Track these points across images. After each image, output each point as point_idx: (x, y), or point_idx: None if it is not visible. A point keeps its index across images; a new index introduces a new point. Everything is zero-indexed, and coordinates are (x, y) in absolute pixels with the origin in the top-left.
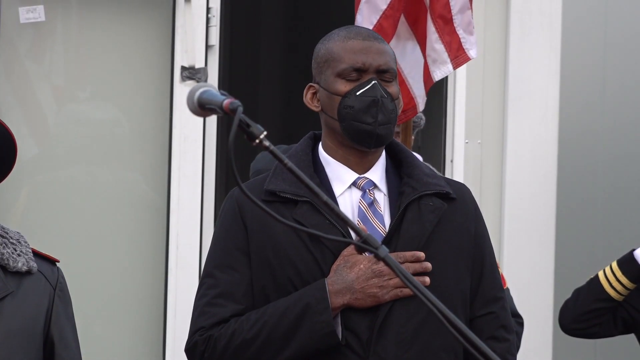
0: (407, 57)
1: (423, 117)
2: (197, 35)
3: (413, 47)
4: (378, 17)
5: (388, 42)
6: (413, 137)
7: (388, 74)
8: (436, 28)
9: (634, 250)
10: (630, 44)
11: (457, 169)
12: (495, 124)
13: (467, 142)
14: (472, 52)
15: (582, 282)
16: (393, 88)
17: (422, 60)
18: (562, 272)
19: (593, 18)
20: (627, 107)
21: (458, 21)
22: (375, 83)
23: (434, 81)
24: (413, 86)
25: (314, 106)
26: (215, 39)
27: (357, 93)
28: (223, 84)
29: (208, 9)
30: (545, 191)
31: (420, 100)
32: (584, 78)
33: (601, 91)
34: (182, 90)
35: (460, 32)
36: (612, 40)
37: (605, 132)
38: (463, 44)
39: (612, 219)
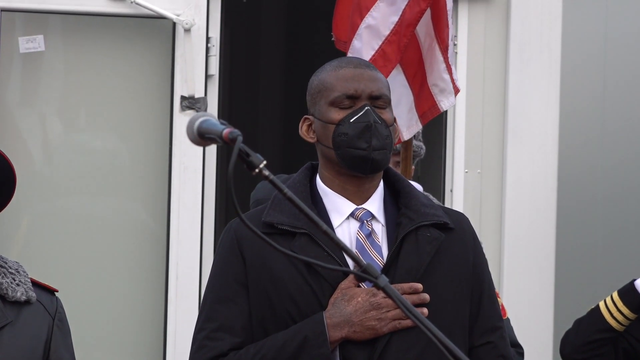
0: (390, 84)
1: (423, 147)
2: (196, 65)
3: (396, 75)
4: (380, 43)
5: (392, 69)
6: (413, 167)
7: (381, 100)
8: (444, 58)
9: (634, 280)
10: (629, 75)
11: (457, 198)
12: (495, 154)
13: (466, 172)
14: (458, 83)
15: (582, 312)
16: (387, 114)
17: (408, 89)
18: (562, 302)
19: (592, 49)
20: (626, 137)
21: (451, 51)
22: (368, 109)
23: (442, 111)
24: (396, 115)
25: (309, 138)
26: (215, 69)
27: (351, 120)
28: (223, 113)
29: (208, 39)
30: (544, 221)
31: (405, 130)
32: (583, 108)
33: (600, 122)
34: (182, 119)
35: (451, 62)
36: (611, 71)
37: (605, 162)
38: (453, 75)
39: (612, 248)
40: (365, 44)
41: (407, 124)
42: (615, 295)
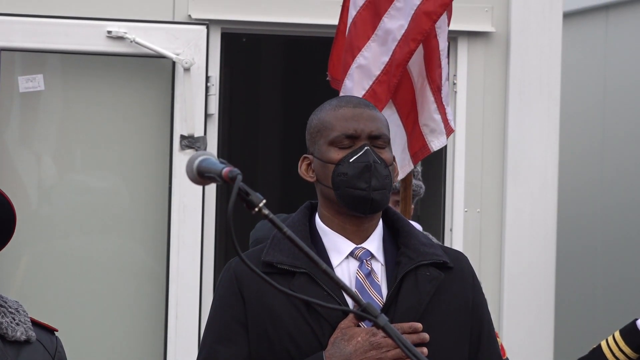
0: None
1: (423, 186)
2: (196, 104)
3: (390, 115)
4: (371, 83)
5: (382, 108)
6: (413, 206)
7: (380, 140)
8: (435, 98)
9: (636, 320)
10: (628, 114)
11: (457, 237)
12: (495, 193)
13: (466, 211)
14: (452, 124)
15: (582, 352)
16: (386, 154)
17: (402, 129)
18: (562, 341)
19: (591, 87)
20: (625, 178)
21: (444, 92)
22: (367, 149)
23: (431, 151)
24: None
25: (309, 177)
26: (214, 108)
27: (350, 160)
28: (222, 152)
29: (207, 78)
30: (544, 260)
31: (399, 169)
32: (583, 147)
33: (599, 161)
34: (181, 158)
35: (444, 103)
36: (611, 110)
37: (604, 201)
38: (447, 115)
39: (611, 288)
40: (356, 84)
41: (401, 163)
42: (617, 334)
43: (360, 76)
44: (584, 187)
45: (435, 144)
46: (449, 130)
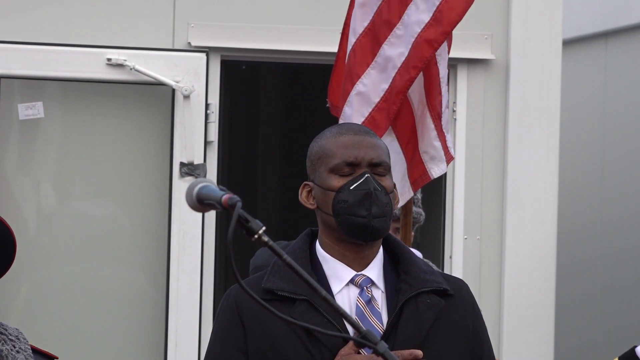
0: None
1: (423, 214)
2: (196, 131)
3: (390, 142)
4: (370, 110)
5: (381, 136)
6: (413, 234)
7: (381, 167)
8: (435, 125)
9: (635, 347)
10: (627, 142)
11: (456, 265)
12: (494, 220)
13: (466, 238)
14: (452, 151)
15: None
16: (387, 181)
17: (401, 156)
18: None
19: (591, 115)
20: (625, 203)
21: (444, 119)
22: (368, 176)
23: (431, 178)
24: None
25: (309, 204)
26: (214, 135)
27: (351, 187)
28: (222, 179)
29: (207, 105)
30: (544, 287)
31: (399, 196)
32: (583, 174)
33: (599, 188)
34: (181, 186)
35: (444, 130)
36: (610, 137)
37: (604, 228)
38: (447, 142)
39: (611, 315)
40: (355, 111)
41: (401, 190)
42: None
43: (359, 103)
44: (584, 212)
45: (435, 171)
46: (449, 158)
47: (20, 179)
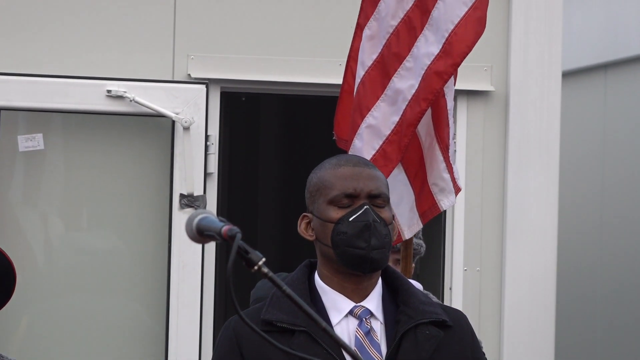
0: (391, 184)
1: (423, 245)
2: (195, 163)
3: (397, 174)
4: (381, 143)
5: (392, 168)
6: (413, 265)
7: (380, 199)
8: (444, 157)
9: None
10: (627, 173)
11: (456, 296)
12: (494, 252)
13: (465, 270)
14: (459, 182)
15: None
16: (386, 213)
17: (409, 188)
18: None
19: (590, 146)
20: (624, 236)
21: (451, 150)
22: (367, 208)
23: (441, 210)
24: (397, 214)
25: (308, 236)
26: (213, 167)
27: (350, 219)
28: (222, 210)
29: (207, 137)
30: (543, 320)
31: (406, 229)
32: (582, 206)
33: (599, 219)
34: (181, 217)
35: (451, 161)
36: (610, 168)
37: (603, 260)
38: (454, 173)
39: (611, 346)
40: (366, 144)
41: (409, 223)
42: None
43: (370, 136)
44: (583, 244)
45: (444, 203)
46: (457, 189)
47: (22, 210)
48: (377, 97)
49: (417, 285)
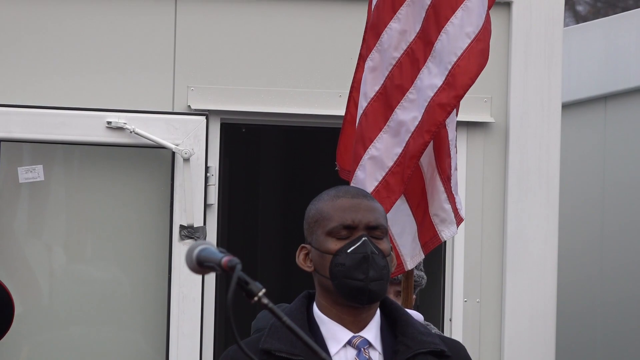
0: (394, 214)
1: (424, 277)
2: (195, 194)
3: (400, 205)
4: (384, 174)
5: (395, 200)
6: (414, 297)
7: (378, 230)
8: (445, 188)
9: None
10: (627, 204)
11: (456, 327)
12: (494, 283)
13: (465, 301)
14: (462, 212)
15: None
16: (384, 245)
17: (412, 218)
18: None
19: (590, 178)
20: (624, 266)
21: (453, 181)
22: (365, 240)
23: (442, 241)
24: (400, 244)
25: (306, 267)
26: (213, 198)
27: (348, 250)
28: (221, 242)
29: (207, 168)
30: (543, 351)
31: (409, 259)
32: (582, 237)
33: (599, 251)
34: (181, 249)
35: (454, 192)
36: (610, 200)
37: (604, 291)
38: (457, 204)
39: None
40: (368, 175)
41: (411, 253)
42: None
43: (372, 167)
44: (583, 276)
45: (445, 234)
46: (459, 220)
47: (24, 240)
48: (379, 128)
49: (418, 316)
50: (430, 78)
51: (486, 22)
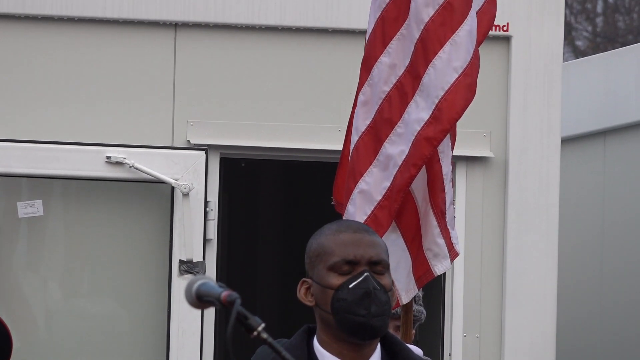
0: (388, 248)
1: (424, 312)
2: (195, 229)
3: (395, 239)
4: (372, 208)
5: (383, 234)
6: (413, 331)
7: (380, 265)
8: (438, 222)
9: None
10: (626, 239)
11: None
12: (494, 318)
13: (465, 336)
14: (457, 247)
15: None
16: (386, 279)
17: (407, 253)
18: None
19: (590, 212)
20: (624, 301)
21: (449, 216)
22: (367, 275)
23: (435, 275)
24: (395, 279)
25: (307, 301)
26: (213, 233)
27: (350, 286)
28: (221, 276)
29: (206, 203)
30: None
31: (404, 294)
32: (581, 273)
33: (598, 287)
34: (180, 283)
35: (449, 226)
36: (609, 233)
37: (603, 326)
38: (452, 239)
39: None
40: (358, 209)
41: (406, 287)
42: None
43: (362, 201)
44: (583, 311)
45: (438, 268)
46: (454, 254)
47: (23, 275)
48: (369, 162)
49: (418, 351)
50: (418, 112)
51: (474, 57)
